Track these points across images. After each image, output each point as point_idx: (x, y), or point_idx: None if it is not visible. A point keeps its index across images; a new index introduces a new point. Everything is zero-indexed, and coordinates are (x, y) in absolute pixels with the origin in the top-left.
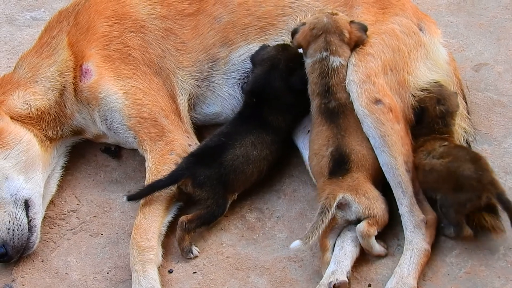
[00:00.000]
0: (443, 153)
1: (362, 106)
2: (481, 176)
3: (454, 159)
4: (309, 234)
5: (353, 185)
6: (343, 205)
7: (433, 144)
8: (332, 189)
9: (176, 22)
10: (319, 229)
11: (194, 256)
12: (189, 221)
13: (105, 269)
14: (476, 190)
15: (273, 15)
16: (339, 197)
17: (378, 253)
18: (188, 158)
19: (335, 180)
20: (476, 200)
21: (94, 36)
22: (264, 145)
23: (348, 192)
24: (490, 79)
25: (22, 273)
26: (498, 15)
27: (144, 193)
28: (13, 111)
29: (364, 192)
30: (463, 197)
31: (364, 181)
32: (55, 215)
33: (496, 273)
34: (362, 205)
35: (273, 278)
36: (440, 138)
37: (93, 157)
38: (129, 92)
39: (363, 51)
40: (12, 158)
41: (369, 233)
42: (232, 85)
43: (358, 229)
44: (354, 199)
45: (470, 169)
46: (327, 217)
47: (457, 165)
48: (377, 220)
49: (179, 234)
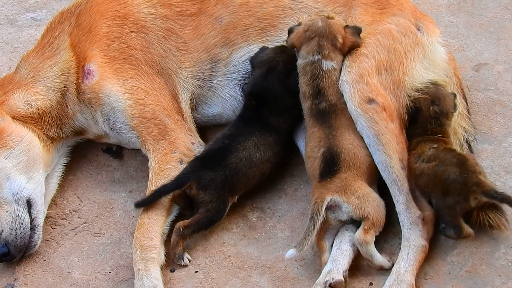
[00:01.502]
0: (431, 156)
1: (355, 106)
2: (466, 179)
3: (440, 162)
4: (303, 241)
5: (341, 186)
6: (333, 206)
7: (424, 147)
8: (320, 193)
9: (177, 22)
10: (311, 234)
11: (184, 264)
12: (185, 226)
13: (107, 269)
14: (462, 193)
15: (274, 16)
16: (327, 200)
17: (380, 264)
18: (193, 162)
19: (324, 183)
20: (464, 203)
21: (96, 37)
22: (267, 146)
23: (336, 193)
24: (490, 79)
25: (24, 272)
26: (498, 15)
27: (151, 199)
28: (14, 111)
29: (353, 192)
30: (451, 201)
31: (353, 180)
32: (57, 215)
33: (496, 272)
34: (352, 205)
35: (275, 277)
36: (431, 140)
37: (95, 157)
38: (132, 92)
39: (357, 52)
40: (14, 157)
41: (366, 239)
42: (233, 86)
43: (355, 238)
44: (343, 200)
45: (456, 172)
46: (317, 222)
47: (443, 169)
48: (372, 222)
49: (174, 239)
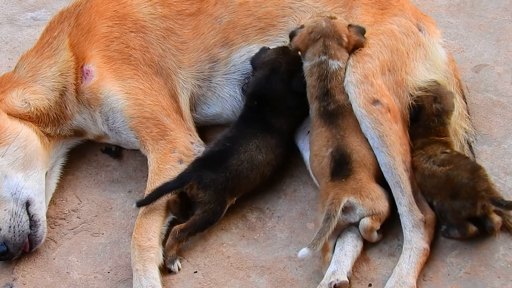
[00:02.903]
0: (445, 160)
1: (360, 107)
2: (476, 184)
3: (455, 167)
4: (317, 241)
5: (357, 187)
6: (347, 208)
7: (434, 149)
8: (336, 193)
9: (177, 22)
10: (326, 235)
11: (173, 270)
12: (181, 230)
13: (106, 269)
14: (471, 197)
15: (274, 15)
16: (344, 201)
17: (376, 240)
18: (195, 162)
19: (338, 182)
20: (471, 208)
21: (95, 37)
22: (269, 148)
23: (352, 195)
24: (489, 80)
25: (23, 272)
26: (498, 16)
27: (153, 198)
28: (11, 109)
29: (367, 194)
30: (459, 205)
31: (367, 181)
32: (56, 215)
33: (496, 273)
34: (366, 207)
35: (274, 277)
36: (440, 142)
37: (94, 157)
38: (130, 92)
39: (361, 52)
40: (10, 154)
41: (373, 228)
42: (233, 86)
43: (363, 224)
44: (358, 202)
45: (468, 177)
46: (333, 223)
47: (457, 173)
48: (380, 217)
49: (170, 241)
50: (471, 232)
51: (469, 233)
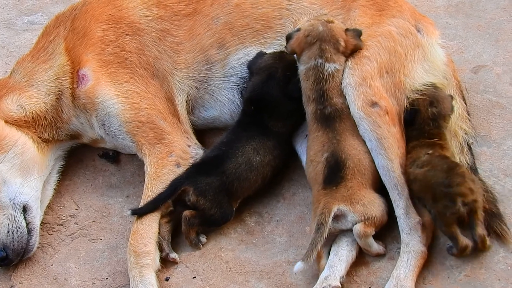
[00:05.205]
0: (425, 162)
1: (359, 109)
2: (450, 180)
3: (432, 168)
4: (309, 253)
5: (347, 195)
6: (339, 216)
7: (419, 152)
8: (326, 202)
9: (172, 23)
10: (318, 246)
11: (203, 243)
12: (192, 216)
13: (104, 275)
14: (448, 195)
15: (270, 17)
16: (333, 210)
17: (377, 252)
18: (189, 169)
19: (329, 191)
20: (453, 207)
21: (90, 41)
22: (267, 150)
23: (342, 203)
24: (488, 81)
25: (21, 279)
26: (497, 16)
27: (149, 209)
28: (7, 115)
29: (358, 200)
30: (440, 206)
31: (358, 188)
32: (54, 221)
33: (496, 276)
34: (358, 213)
35: (273, 282)
36: (427, 144)
37: (91, 162)
38: (126, 96)
39: (359, 54)
40: (8, 161)
41: (366, 233)
42: (231, 90)
43: (355, 230)
44: (349, 209)
45: (443, 176)
46: (324, 233)
47: (433, 174)
48: (374, 222)
49: (184, 228)
50: (461, 245)
51: (460, 246)
